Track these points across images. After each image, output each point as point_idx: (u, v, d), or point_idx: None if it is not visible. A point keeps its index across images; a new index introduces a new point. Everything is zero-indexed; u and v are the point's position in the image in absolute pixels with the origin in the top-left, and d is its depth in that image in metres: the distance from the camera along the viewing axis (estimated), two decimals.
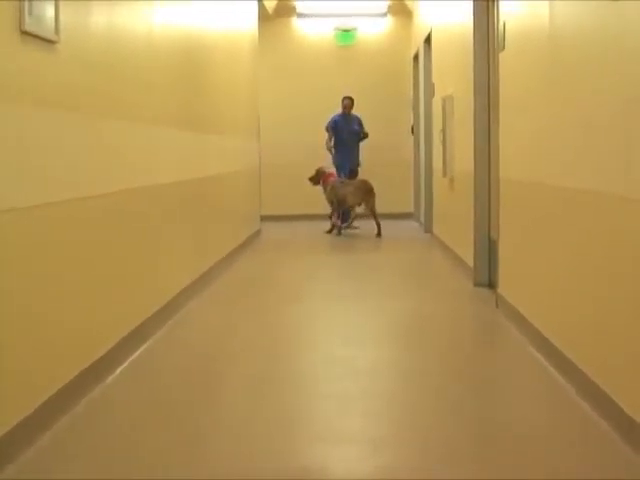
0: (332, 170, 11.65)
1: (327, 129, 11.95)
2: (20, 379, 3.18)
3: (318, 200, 11.79)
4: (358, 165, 12.05)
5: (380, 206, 12.14)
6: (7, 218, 3.03)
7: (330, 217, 11.45)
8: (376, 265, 8.28)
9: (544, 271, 4.51)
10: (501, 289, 5.70)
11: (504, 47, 5.52)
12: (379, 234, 10.78)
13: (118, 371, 4.24)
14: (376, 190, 11.01)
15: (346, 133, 11.88)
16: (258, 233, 11.00)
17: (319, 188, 11.54)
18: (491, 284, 6.57)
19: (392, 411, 3.68)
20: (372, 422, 3.51)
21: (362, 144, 12.11)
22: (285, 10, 13.27)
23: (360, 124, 11.98)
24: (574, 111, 3.89)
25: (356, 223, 11.52)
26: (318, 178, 11.46)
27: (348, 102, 11.96)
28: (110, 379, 4.12)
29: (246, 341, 4.97)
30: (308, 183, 11.65)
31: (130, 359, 4.48)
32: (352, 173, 11.84)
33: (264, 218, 11.92)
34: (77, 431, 3.41)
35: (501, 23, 5.59)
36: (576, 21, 3.86)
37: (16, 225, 3.12)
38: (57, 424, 3.45)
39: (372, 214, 10.89)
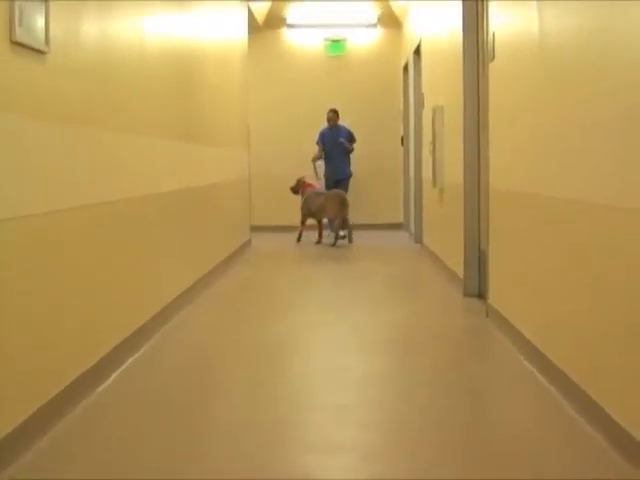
0: (312, 181, 11.70)
1: (317, 143, 12.09)
2: (19, 382, 3.19)
3: None
4: (349, 176, 12.08)
5: (370, 216, 12.18)
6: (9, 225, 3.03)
7: (299, 234, 11.47)
8: (366, 275, 8.28)
9: (534, 281, 4.52)
10: (491, 299, 5.71)
11: (494, 57, 5.54)
12: (350, 239, 10.97)
13: (114, 375, 4.24)
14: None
15: (331, 145, 11.96)
16: (248, 243, 10.99)
17: None
18: (481, 294, 6.58)
19: (383, 420, 3.68)
20: (364, 431, 3.50)
21: (353, 155, 12.15)
22: (275, 21, 13.30)
23: (348, 136, 12.03)
24: (564, 121, 3.90)
25: (343, 232, 11.52)
26: (297, 187, 11.56)
27: (332, 115, 12.07)
28: (107, 382, 4.15)
29: (237, 351, 4.96)
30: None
31: (124, 366, 4.47)
32: (338, 183, 11.89)
33: (254, 229, 11.93)
34: (76, 434, 3.42)
35: (490, 33, 5.61)
36: (566, 30, 3.88)
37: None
38: (56, 427, 3.47)
39: (344, 223, 10.96)
